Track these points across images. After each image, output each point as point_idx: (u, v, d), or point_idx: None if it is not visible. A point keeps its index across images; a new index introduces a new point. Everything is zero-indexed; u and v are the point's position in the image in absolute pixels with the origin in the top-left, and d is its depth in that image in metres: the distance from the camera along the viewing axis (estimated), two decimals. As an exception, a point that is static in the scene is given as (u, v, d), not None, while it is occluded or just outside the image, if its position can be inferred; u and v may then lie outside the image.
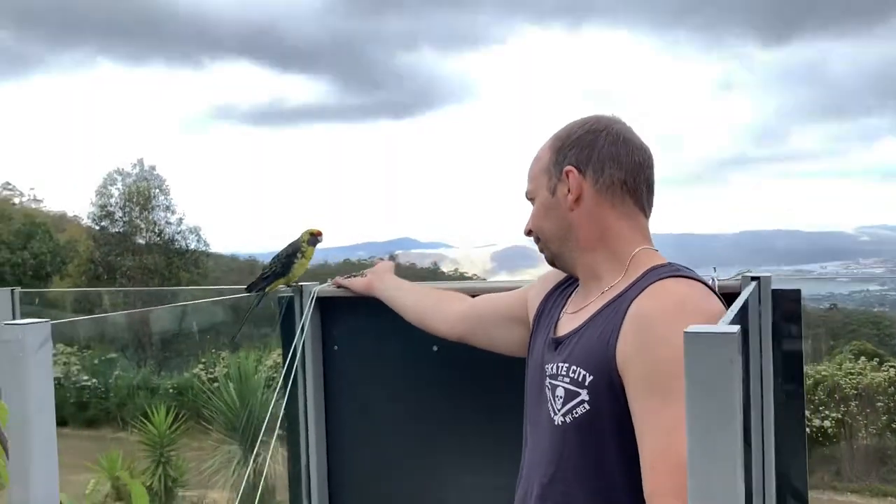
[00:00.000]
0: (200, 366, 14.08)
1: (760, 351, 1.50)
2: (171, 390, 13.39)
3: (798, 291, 1.51)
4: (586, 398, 1.15)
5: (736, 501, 0.69)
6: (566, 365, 1.19)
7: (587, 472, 1.17)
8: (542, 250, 1.36)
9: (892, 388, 12.22)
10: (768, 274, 1.50)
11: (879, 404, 12.10)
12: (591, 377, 1.15)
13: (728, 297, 1.52)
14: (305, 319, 1.90)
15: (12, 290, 2.25)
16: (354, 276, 1.89)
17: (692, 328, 0.73)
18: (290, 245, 1.91)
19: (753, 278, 1.49)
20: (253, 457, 6.98)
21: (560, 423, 1.19)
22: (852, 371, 12.51)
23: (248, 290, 1.92)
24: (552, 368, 1.23)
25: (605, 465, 1.15)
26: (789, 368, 1.52)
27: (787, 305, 1.50)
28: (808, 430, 11.59)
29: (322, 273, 1.97)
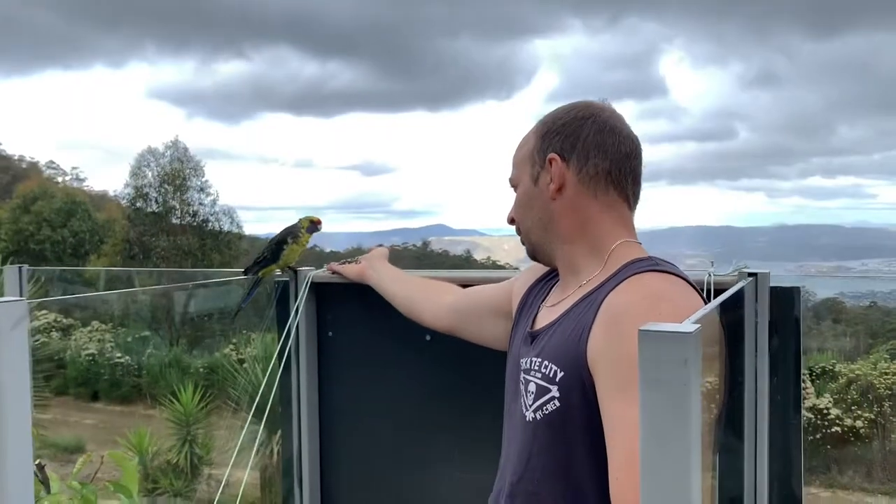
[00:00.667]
0: (231, 346, 14.27)
1: (756, 349, 1.45)
2: (201, 369, 13.60)
3: (797, 289, 1.46)
4: (556, 395, 1.11)
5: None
6: (539, 360, 1.15)
7: (555, 471, 1.13)
8: (522, 241, 1.31)
9: (928, 390, 11.92)
10: (766, 270, 1.45)
11: (914, 406, 11.81)
12: (563, 373, 1.10)
13: (723, 293, 1.47)
14: (300, 304, 1.88)
15: (20, 267, 2.27)
16: (349, 262, 1.87)
17: (647, 326, 0.70)
18: (285, 230, 1.90)
19: (750, 274, 1.44)
20: (277, 439, 7.05)
21: (531, 419, 1.15)
22: (887, 371, 12.22)
23: (245, 272, 1.92)
24: (526, 363, 1.19)
25: (573, 466, 1.11)
26: (786, 367, 1.47)
27: (785, 303, 1.45)
28: (839, 429, 11.42)
29: (352, 257, 1.95)
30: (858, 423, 11.58)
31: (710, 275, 1.51)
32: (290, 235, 1.87)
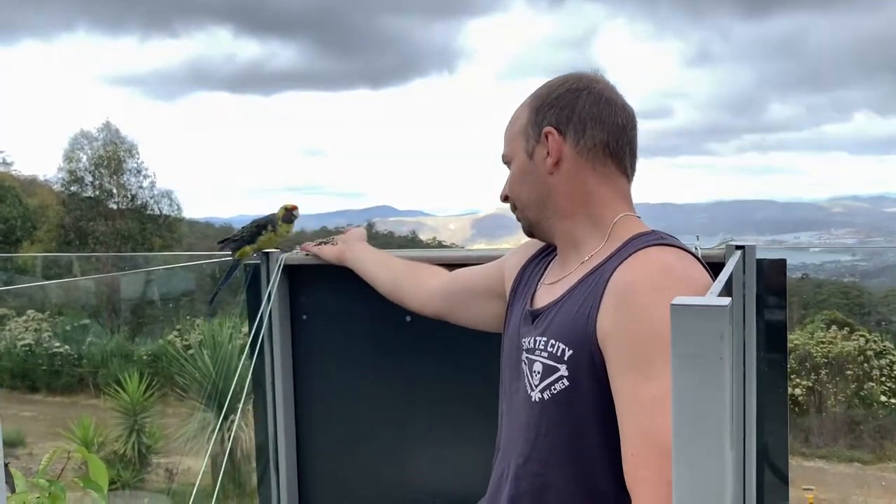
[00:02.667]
0: (175, 332, 13.96)
1: (744, 322, 1.45)
2: (144, 357, 13.27)
3: (783, 261, 1.46)
4: (565, 373, 1.08)
5: (722, 485, 0.64)
6: (544, 339, 1.12)
7: (565, 452, 1.10)
8: (518, 218, 1.27)
9: (862, 357, 12.46)
10: (753, 243, 1.45)
11: (849, 373, 12.33)
12: (571, 351, 1.08)
13: (712, 266, 1.47)
14: (272, 287, 1.82)
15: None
16: (324, 242, 1.81)
17: (679, 300, 0.67)
18: (268, 216, 1.84)
19: (738, 247, 1.44)
20: (228, 425, 6.94)
21: (537, 399, 1.12)
22: (823, 340, 12.72)
23: (220, 247, 1.86)
24: (529, 342, 1.16)
25: (584, 446, 1.08)
26: (773, 339, 1.48)
27: (772, 275, 1.45)
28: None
29: (297, 241, 1.90)
30: (797, 391, 12.04)
31: (696, 248, 1.51)
32: (270, 223, 1.81)
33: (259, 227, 1.81)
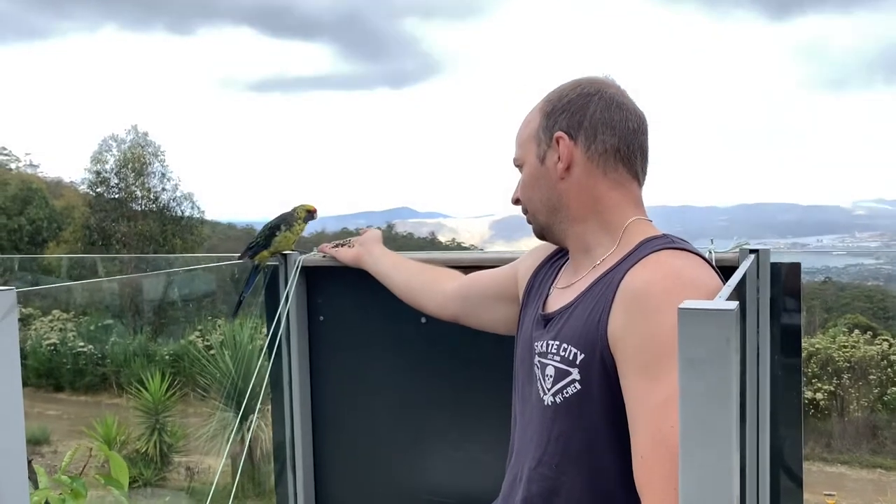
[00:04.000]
0: (196, 333, 14.07)
1: (758, 326, 1.45)
2: (167, 357, 13.40)
3: (798, 265, 1.46)
4: (577, 377, 1.09)
5: (730, 489, 0.65)
6: (556, 342, 1.14)
7: (576, 455, 1.11)
8: (529, 222, 1.29)
9: (885, 362, 12.28)
10: (767, 247, 1.45)
11: (872, 377, 12.16)
12: (583, 355, 1.09)
13: (725, 270, 1.47)
14: (290, 289, 1.85)
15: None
16: (341, 244, 1.83)
17: (687, 304, 0.68)
18: (279, 217, 1.86)
19: (752, 251, 1.44)
20: (248, 425, 6.99)
21: (550, 403, 1.13)
22: (846, 344, 12.55)
23: (240, 257, 1.88)
24: (541, 346, 1.17)
25: (597, 450, 1.09)
26: (787, 344, 1.48)
27: (786, 279, 1.46)
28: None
29: (319, 241, 1.92)
30: (819, 396, 11.90)
31: (710, 252, 1.51)
32: (283, 223, 1.83)
33: (272, 230, 1.83)
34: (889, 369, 12.28)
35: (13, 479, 1.13)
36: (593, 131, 1.18)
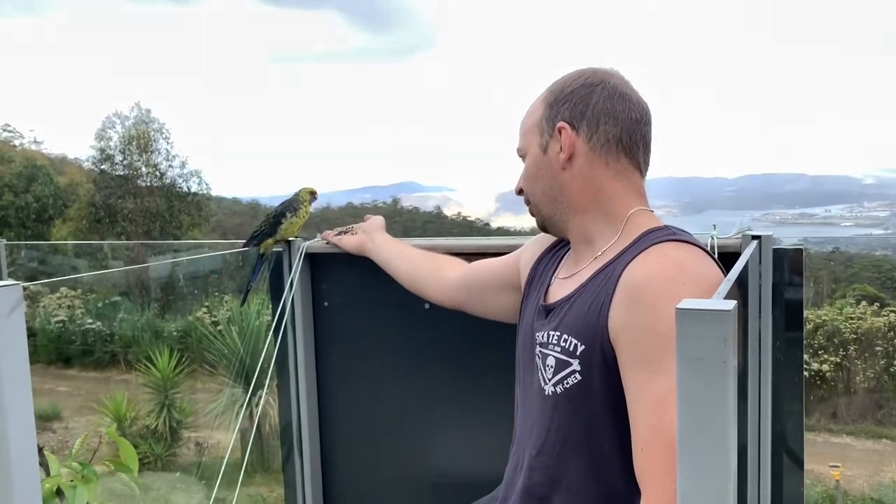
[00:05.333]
0: (203, 309, 14.16)
1: (759, 312, 1.45)
2: (174, 333, 13.50)
3: (801, 251, 1.46)
4: (578, 368, 1.10)
5: (726, 486, 0.66)
6: (557, 333, 1.14)
7: (576, 445, 1.12)
8: (532, 213, 1.29)
9: (892, 333, 12.29)
10: (769, 233, 1.45)
11: (878, 349, 12.18)
12: (583, 346, 1.10)
13: (728, 256, 1.47)
14: (294, 275, 1.86)
15: (-2, 242, 2.20)
16: (344, 232, 1.84)
17: (684, 304, 0.68)
18: (284, 203, 1.86)
19: (754, 237, 1.44)
20: (256, 401, 7.07)
21: (550, 393, 1.14)
22: (852, 315, 12.55)
23: (245, 245, 1.89)
24: (543, 336, 1.18)
25: (597, 440, 1.11)
26: (789, 329, 1.48)
27: (788, 265, 1.46)
28: (806, 373, 11.77)
29: (325, 217, 1.92)
30: (825, 367, 11.94)
31: (712, 238, 1.51)
32: (289, 210, 1.84)
33: (277, 217, 1.84)
34: (896, 340, 12.29)
35: (24, 467, 1.15)
36: (596, 121, 1.18)
